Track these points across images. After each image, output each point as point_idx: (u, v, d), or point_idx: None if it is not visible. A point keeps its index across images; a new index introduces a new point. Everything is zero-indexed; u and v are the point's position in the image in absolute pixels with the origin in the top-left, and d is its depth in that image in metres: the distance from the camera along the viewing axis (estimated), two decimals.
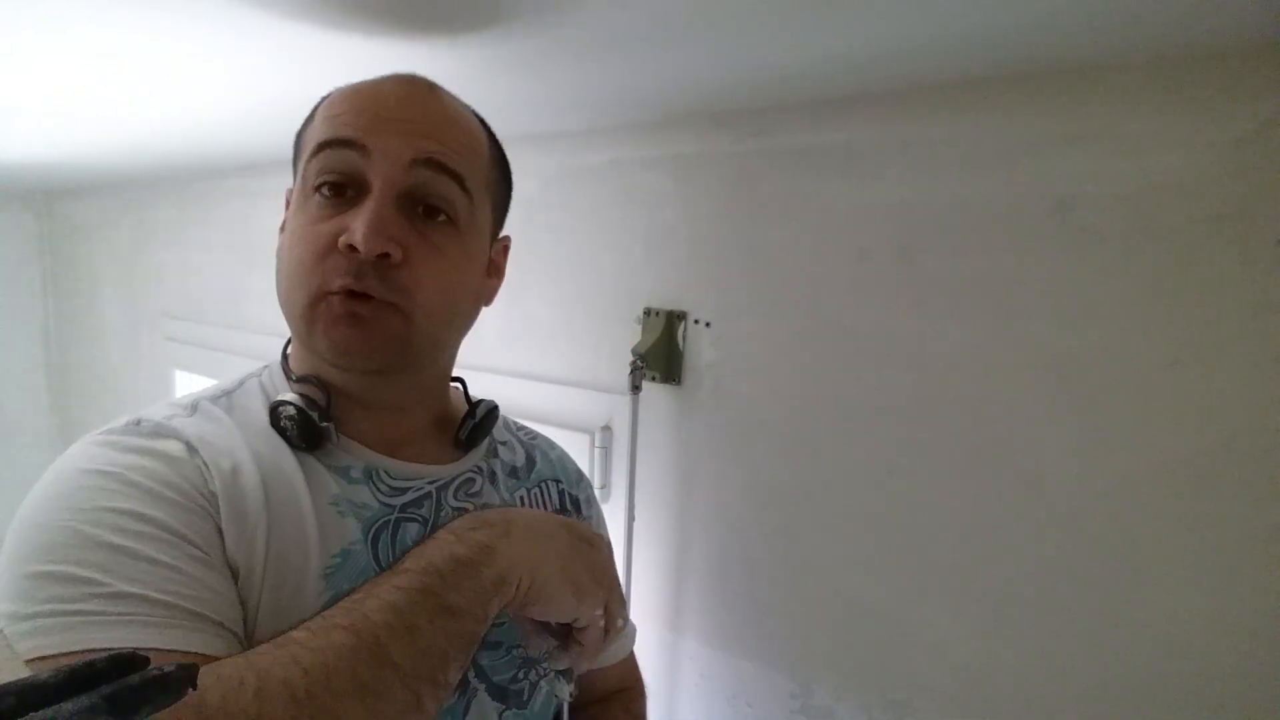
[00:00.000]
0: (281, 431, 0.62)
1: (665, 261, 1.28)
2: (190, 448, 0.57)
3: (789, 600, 1.17)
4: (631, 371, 1.26)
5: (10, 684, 0.32)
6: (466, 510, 0.69)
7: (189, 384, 2.48)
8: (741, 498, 1.22)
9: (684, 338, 1.26)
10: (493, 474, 0.75)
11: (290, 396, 0.62)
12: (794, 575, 1.16)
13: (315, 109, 0.67)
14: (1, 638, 0.42)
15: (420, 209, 0.62)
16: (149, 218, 2.57)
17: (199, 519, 0.54)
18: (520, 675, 0.70)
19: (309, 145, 0.63)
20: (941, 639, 1.03)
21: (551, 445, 0.88)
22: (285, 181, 0.70)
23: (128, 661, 0.35)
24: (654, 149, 1.28)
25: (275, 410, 0.62)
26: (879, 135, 1.05)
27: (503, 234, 0.76)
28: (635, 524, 1.33)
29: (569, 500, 0.83)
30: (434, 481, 0.68)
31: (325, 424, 0.63)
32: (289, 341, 0.70)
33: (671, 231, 1.27)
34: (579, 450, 1.38)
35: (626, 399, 1.29)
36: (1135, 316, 0.87)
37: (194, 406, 0.64)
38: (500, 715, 0.68)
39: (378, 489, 0.65)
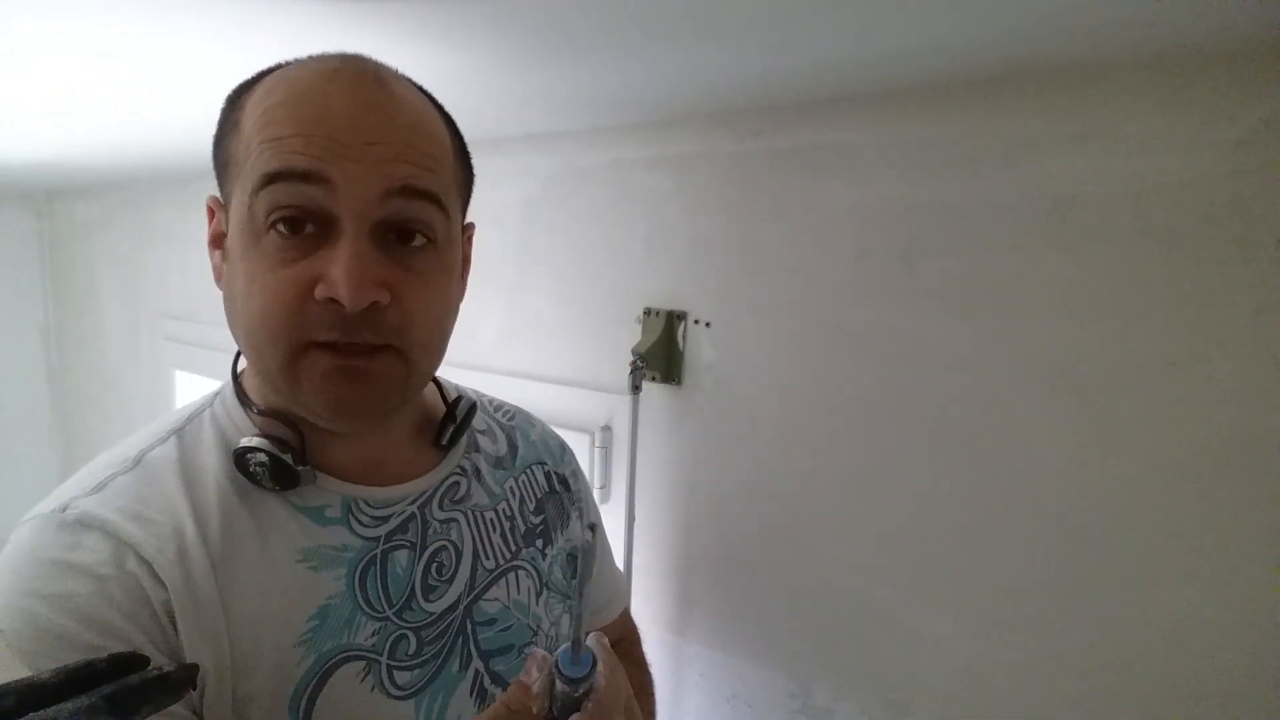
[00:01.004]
0: (251, 477, 0.57)
1: (665, 261, 1.28)
2: (119, 547, 0.51)
3: (789, 600, 1.17)
4: (631, 371, 1.26)
5: (10, 684, 0.32)
6: (454, 522, 0.66)
7: (189, 384, 2.48)
8: (741, 497, 1.22)
9: (684, 338, 1.26)
10: (477, 470, 0.71)
11: (258, 442, 0.57)
12: (794, 575, 1.16)
13: (237, 112, 0.57)
14: (1, 638, 0.41)
15: (394, 234, 0.55)
16: (149, 218, 2.57)
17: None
18: None
19: (249, 171, 0.53)
20: (941, 639, 1.03)
21: (530, 422, 0.83)
22: None
23: (127, 662, 0.35)
24: (654, 149, 1.28)
25: (242, 457, 0.57)
26: (879, 135, 1.04)
27: (466, 222, 0.68)
28: (635, 524, 1.33)
29: (556, 480, 0.79)
30: (417, 499, 0.65)
31: (302, 466, 0.58)
32: (235, 362, 0.64)
33: (671, 231, 1.27)
34: (579, 450, 1.38)
35: (626, 399, 1.29)
36: (1135, 316, 0.87)
37: (139, 458, 0.57)
38: None
39: (358, 522, 0.61)
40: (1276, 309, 0.79)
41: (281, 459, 0.56)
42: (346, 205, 0.52)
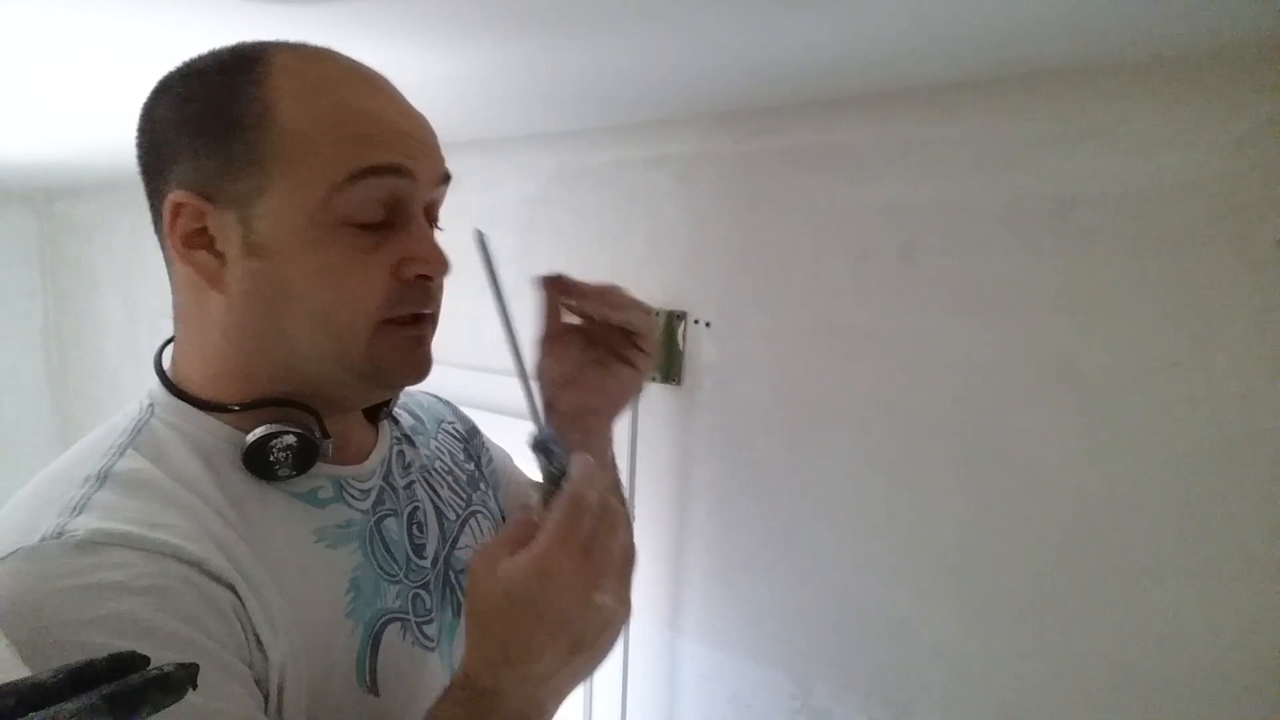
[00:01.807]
0: (267, 467, 0.56)
1: (665, 261, 1.28)
2: (153, 557, 0.47)
3: (789, 600, 1.17)
4: None
5: (10, 684, 0.32)
6: (412, 484, 0.70)
7: None
8: (741, 498, 1.22)
9: (684, 338, 1.26)
10: (408, 438, 0.75)
11: (277, 427, 0.56)
12: (794, 575, 1.16)
13: (252, 104, 0.54)
14: (1, 637, 0.41)
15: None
16: (149, 218, 2.57)
17: (232, 681, 0.48)
18: None
19: (322, 167, 0.53)
20: (942, 639, 1.03)
21: (410, 394, 0.85)
22: None
23: (128, 662, 0.35)
24: (655, 149, 1.28)
25: (264, 446, 0.56)
26: (879, 135, 1.04)
27: None
28: (635, 524, 1.33)
29: (461, 432, 0.84)
30: (379, 471, 0.67)
31: (327, 439, 0.59)
32: (160, 365, 0.64)
33: (672, 231, 1.27)
34: None
35: None
36: (1135, 316, 0.87)
37: (103, 475, 0.52)
38: None
39: (351, 497, 0.63)
40: (1276, 309, 0.79)
41: (309, 436, 0.58)
42: (418, 194, 0.58)
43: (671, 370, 1.27)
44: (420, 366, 0.62)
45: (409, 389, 0.83)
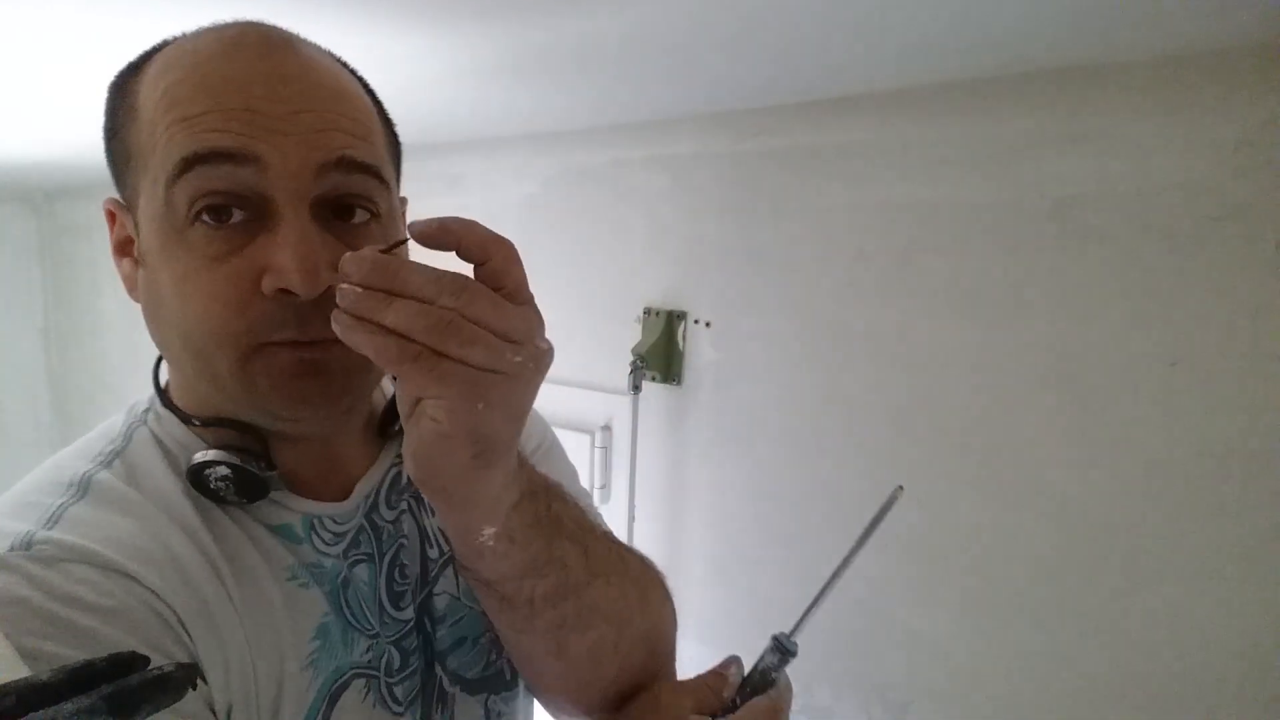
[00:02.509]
0: (213, 495, 0.52)
1: (665, 261, 1.28)
2: (113, 576, 0.46)
3: (788, 600, 1.17)
4: (631, 371, 1.26)
5: (10, 684, 0.32)
6: (402, 515, 0.62)
7: None
8: (741, 497, 1.22)
9: (684, 338, 1.26)
10: None
11: (214, 455, 0.51)
12: (793, 575, 1.16)
13: (130, 97, 0.51)
14: (1, 638, 0.41)
15: (331, 212, 0.50)
16: None
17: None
18: (494, 658, 0.65)
19: (160, 159, 0.47)
20: (941, 639, 1.03)
21: None
22: None
23: (128, 662, 0.35)
24: (653, 149, 1.28)
25: (200, 474, 0.51)
26: (879, 135, 1.04)
27: (401, 196, 0.61)
28: (635, 524, 1.33)
29: None
30: (363, 507, 0.60)
31: (271, 472, 0.53)
32: (156, 372, 0.60)
33: (671, 231, 1.27)
34: (580, 450, 1.38)
35: (626, 399, 1.29)
36: (1135, 316, 0.87)
37: (84, 484, 0.50)
38: (486, 703, 0.64)
39: (321, 540, 0.57)
40: (1276, 309, 0.79)
41: (245, 469, 0.51)
42: (281, 184, 0.47)
43: (671, 370, 1.27)
44: (301, 401, 0.50)
45: None
